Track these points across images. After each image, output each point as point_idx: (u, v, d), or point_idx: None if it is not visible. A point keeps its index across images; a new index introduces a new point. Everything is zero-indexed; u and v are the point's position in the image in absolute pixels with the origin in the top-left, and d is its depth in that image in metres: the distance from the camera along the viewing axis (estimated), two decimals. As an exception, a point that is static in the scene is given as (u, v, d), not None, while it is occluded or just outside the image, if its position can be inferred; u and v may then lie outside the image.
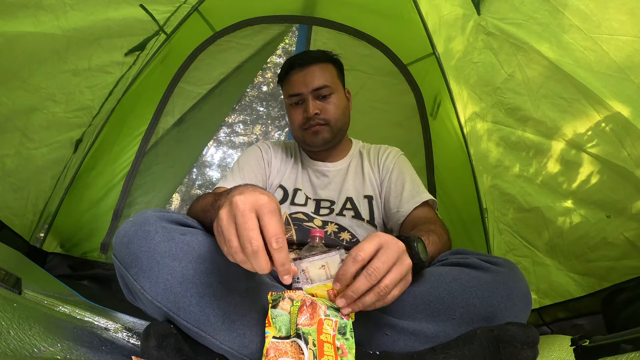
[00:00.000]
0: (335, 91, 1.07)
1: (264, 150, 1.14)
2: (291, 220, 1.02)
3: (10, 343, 0.45)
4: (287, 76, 1.09)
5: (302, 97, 1.05)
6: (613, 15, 0.90)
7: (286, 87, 1.10)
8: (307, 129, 1.05)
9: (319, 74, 1.06)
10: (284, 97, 1.12)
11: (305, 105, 1.04)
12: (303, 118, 1.05)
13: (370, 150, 1.16)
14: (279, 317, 0.54)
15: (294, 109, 1.07)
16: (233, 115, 5.93)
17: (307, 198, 1.08)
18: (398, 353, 0.60)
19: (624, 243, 1.07)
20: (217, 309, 0.59)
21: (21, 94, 1.17)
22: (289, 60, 1.10)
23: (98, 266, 1.62)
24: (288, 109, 1.10)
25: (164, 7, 1.53)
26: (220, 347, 0.58)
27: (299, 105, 1.07)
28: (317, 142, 1.06)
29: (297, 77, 1.06)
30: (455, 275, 0.66)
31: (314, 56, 1.09)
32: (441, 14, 1.54)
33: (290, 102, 1.08)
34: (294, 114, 1.07)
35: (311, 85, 1.04)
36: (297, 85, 1.06)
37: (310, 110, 1.03)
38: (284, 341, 0.52)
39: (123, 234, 0.65)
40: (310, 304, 0.55)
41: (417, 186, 1.04)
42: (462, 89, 1.59)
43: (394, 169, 1.09)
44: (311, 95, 1.04)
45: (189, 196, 6.34)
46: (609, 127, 1.02)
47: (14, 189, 1.30)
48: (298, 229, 0.99)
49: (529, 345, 0.54)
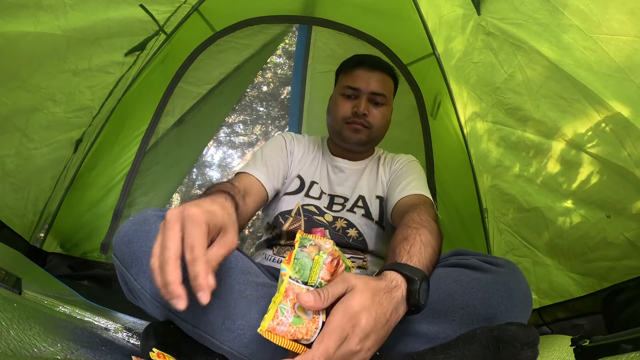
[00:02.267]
0: (387, 104, 1.11)
1: (287, 140, 1.15)
2: (303, 211, 1.04)
3: (10, 343, 0.45)
4: (350, 69, 1.12)
5: (358, 93, 1.08)
6: (613, 15, 0.90)
7: (345, 78, 1.12)
8: (350, 123, 1.08)
9: (381, 81, 1.09)
10: (337, 87, 1.15)
11: (358, 101, 1.07)
12: (351, 112, 1.07)
13: (387, 157, 1.20)
14: (301, 260, 0.53)
15: (344, 100, 1.09)
16: (233, 115, 5.93)
17: (322, 192, 1.10)
18: (398, 353, 0.59)
19: (624, 243, 1.07)
20: (217, 309, 0.59)
21: (21, 94, 1.17)
22: (359, 56, 1.14)
23: (98, 266, 1.62)
24: (337, 98, 1.12)
25: (164, 7, 1.53)
26: (220, 347, 0.58)
27: (350, 99, 1.09)
28: (353, 139, 1.08)
29: (361, 74, 1.09)
30: (455, 277, 0.66)
31: (383, 64, 1.13)
32: (441, 14, 1.54)
33: (343, 93, 1.10)
34: (342, 104, 1.09)
35: (372, 87, 1.08)
36: (359, 81, 1.08)
37: (361, 107, 1.06)
38: (300, 285, 0.51)
39: (123, 234, 0.65)
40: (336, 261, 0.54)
41: (417, 183, 1.04)
42: (462, 89, 1.59)
43: (402, 168, 1.12)
44: (367, 96, 1.08)
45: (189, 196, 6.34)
46: (609, 127, 1.02)
47: (14, 189, 1.30)
48: (307, 220, 1.01)
49: (529, 345, 0.54)
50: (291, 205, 1.05)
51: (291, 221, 1.02)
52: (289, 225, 1.01)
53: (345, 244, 1.01)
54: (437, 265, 0.73)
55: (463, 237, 1.69)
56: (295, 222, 1.02)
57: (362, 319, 0.48)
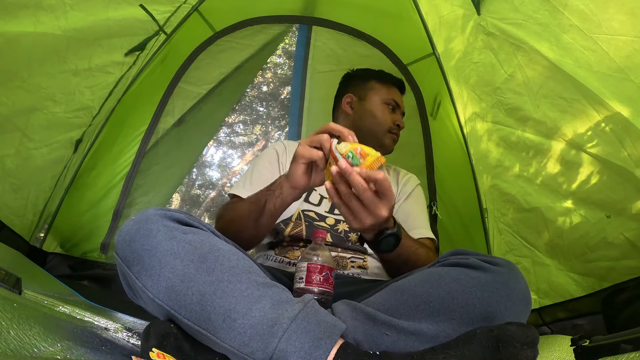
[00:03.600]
0: None
1: (279, 152, 1.17)
2: (303, 216, 1.04)
3: (10, 343, 0.45)
4: (390, 85, 1.27)
5: (397, 110, 1.25)
6: (613, 15, 0.90)
7: (386, 90, 1.26)
8: (393, 133, 1.22)
9: None
10: (375, 93, 1.25)
11: (399, 117, 1.24)
12: (393, 123, 1.21)
13: (390, 170, 1.28)
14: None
15: (389, 111, 1.23)
16: (233, 115, 5.94)
17: (323, 197, 1.10)
18: (398, 353, 0.59)
19: (624, 243, 1.07)
20: (218, 308, 0.59)
21: (21, 94, 1.17)
22: (398, 79, 1.31)
23: (98, 266, 1.62)
24: (381, 106, 1.23)
25: (164, 7, 1.53)
26: (221, 346, 0.58)
27: (392, 111, 1.23)
28: (391, 147, 1.22)
29: (399, 94, 1.28)
30: (455, 276, 0.66)
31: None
32: (441, 14, 1.54)
33: (388, 103, 1.23)
34: (387, 113, 1.22)
35: (404, 109, 1.28)
36: (399, 99, 1.27)
37: (402, 123, 1.24)
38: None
39: (125, 232, 0.65)
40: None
41: (424, 221, 1.13)
42: (462, 89, 1.59)
43: (411, 196, 1.19)
44: (402, 114, 1.26)
45: (189, 196, 6.34)
46: (609, 127, 1.02)
47: (14, 189, 1.30)
48: (308, 226, 1.01)
49: (529, 345, 0.54)
50: (290, 212, 1.05)
51: (292, 226, 1.02)
52: (291, 230, 1.02)
53: (346, 247, 1.01)
54: (437, 265, 0.73)
55: (463, 237, 1.69)
56: (297, 227, 1.02)
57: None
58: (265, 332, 0.56)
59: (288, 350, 0.54)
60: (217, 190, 6.50)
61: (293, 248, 1.01)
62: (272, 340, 0.55)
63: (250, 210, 0.86)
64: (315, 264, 0.77)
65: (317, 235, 0.84)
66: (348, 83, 1.32)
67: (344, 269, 0.98)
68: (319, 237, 0.83)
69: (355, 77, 1.32)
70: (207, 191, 6.67)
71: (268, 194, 0.84)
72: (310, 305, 0.60)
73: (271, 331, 0.56)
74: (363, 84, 1.28)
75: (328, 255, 0.80)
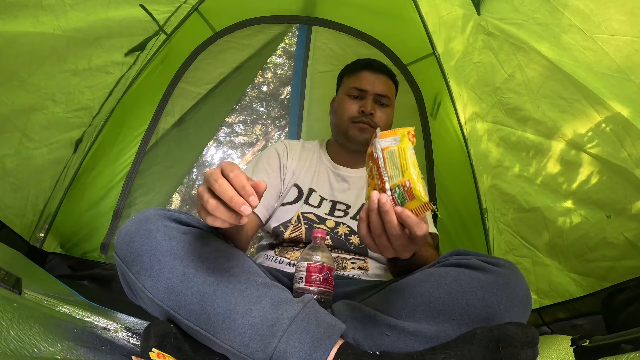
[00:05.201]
0: (391, 106, 1.16)
1: (280, 153, 1.15)
2: (303, 219, 1.03)
3: (10, 343, 0.45)
4: (356, 71, 1.16)
5: (364, 94, 1.12)
6: (613, 15, 0.90)
7: (350, 80, 1.15)
8: (357, 122, 1.10)
9: (386, 84, 1.14)
10: (342, 88, 1.18)
11: (365, 102, 1.11)
12: (357, 112, 1.10)
13: None
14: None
15: (350, 101, 1.12)
16: (233, 115, 5.93)
17: (323, 199, 1.09)
18: (398, 353, 0.60)
19: (624, 243, 1.07)
20: (217, 308, 0.59)
21: (21, 94, 1.17)
22: (364, 60, 1.18)
23: (98, 266, 1.62)
24: (343, 99, 1.14)
25: (164, 7, 1.53)
26: (221, 346, 0.58)
27: (356, 99, 1.12)
28: (360, 138, 1.10)
29: (367, 76, 1.14)
30: (455, 276, 0.66)
31: (387, 69, 1.18)
32: (441, 14, 1.54)
33: (349, 94, 1.13)
34: (348, 104, 1.12)
35: (378, 89, 1.12)
36: (365, 83, 1.12)
37: (368, 107, 1.09)
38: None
39: (125, 232, 0.65)
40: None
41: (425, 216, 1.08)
42: (462, 89, 1.59)
43: None
44: (373, 97, 1.11)
45: (189, 196, 6.34)
46: (609, 127, 1.02)
47: (14, 189, 1.30)
48: (308, 228, 1.01)
49: (529, 345, 0.54)
50: (290, 214, 1.05)
51: (292, 229, 1.02)
52: (290, 233, 1.01)
53: (347, 249, 1.01)
54: (437, 265, 0.73)
55: (463, 237, 1.69)
56: (297, 230, 1.02)
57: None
58: (265, 332, 0.56)
59: (288, 350, 0.54)
60: (217, 190, 6.48)
61: (293, 248, 1.01)
62: (271, 340, 0.55)
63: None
64: (315, 263, 0.77)
65: (317, 235, 0.84)
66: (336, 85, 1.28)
67: (344, 270, 0.98)
68: (319, 236, 0.83)
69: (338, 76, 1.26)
70: (207, 191, 6.65)
71: None
72: (310, 306, 0.60)
73: (271, 331, 0.56)
74: (338, 82, 1.23)
75: (328, 255, 0.80)
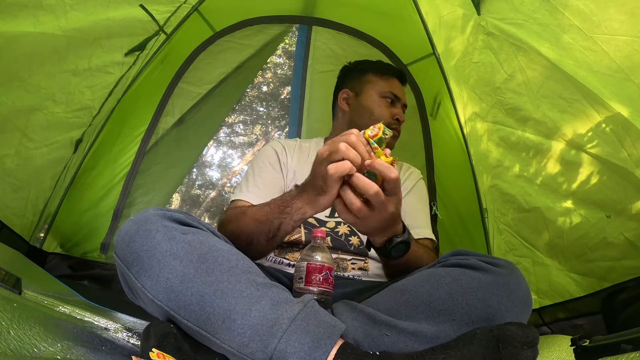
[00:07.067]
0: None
1: (278, 151, 1.14)
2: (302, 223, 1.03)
3: (10, 343, 0.45)
4: (389, 76, 1.19)
5: (397, 102, 1.17)
6: (613, 15, 0.90)
7: (384, 83, 1.18)
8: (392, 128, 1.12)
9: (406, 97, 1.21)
10: (372, 86, 1.18)
11: (398, 110, 1.16)
12: (392, 118, 1.13)
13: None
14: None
15: (386, 105, 1.15)
16: (233, 115, 5.93)
17: None
18: (398, 353, 0.59)
19: (624, 243, 1.07)
20: (218, 308, 0.59)
21: (21, 94, 1.17)
22: (397, 69, 1.23)
23: (98, 266, 1.62)
24: (377, 100, 1.16)
25: (164, 7, 1.53)
26: (221, 347, 0.58)
27: (389, 105, 1.16)
28: (392, 144, 1.15)
29: (399, 85, 1.19)
30: (455, 276, 0.66)
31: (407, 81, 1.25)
32: (441, 14, 1.54)
33: (385, 97, 1.16)
34: (385, 107, 1.15)
35: (405, 100, 1.20)
36: (398, 90, 1.18)
37: (402, 116, 1.16)
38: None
39: (124, 233, 0.65)
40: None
41: (425, 221, 1.10)
42: (462, 89, 1.59)
43: (412, 191, 1.15)
44: (402, 106, 1.18)
45: (189, 196, 6.34)
46: (609, 127, 1.02)
47: (14, 189, 1.30)
48: (307, 232, 1.00)
49: (529, 345, 0.54)
50: None
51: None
52: (290, 236, 1.01)
53: (347, 250, 1.00)
54: (438, 265, 0.73)
55: (463, 237, 1.69)
56: (296, 233, 1.01)
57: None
58: (265, 332, 0.56)
59: (287, 350, 0.54)
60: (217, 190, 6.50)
61: (293, 249, 1.01)
62: (271, 340, 0.55)
63: (260, 231, 0.80)
64: (314, 264, 0.77)
65: (317, 234, 0.84)
66: (344, 78, 1.26)
67: (344, 271, 0.98)
68: (317, 236, 0.83)
69: (352, 70, 1.25)
70: (207, 191, 6.68)
71: (283, 217, 0.77)
72: (309, 306, 0.60)
73: (271, 332, 0.56)
74: (359, 77, 1.21)
75: (328, 255, 0.80)
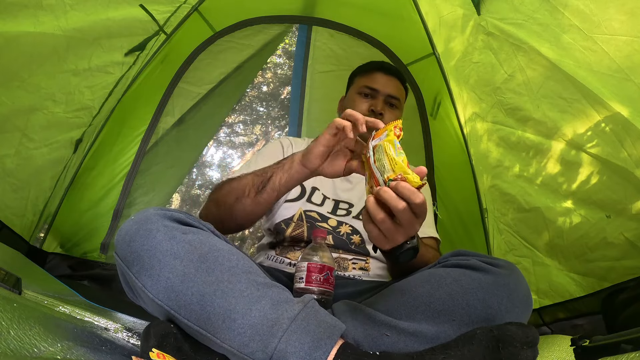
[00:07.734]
0: (400, 109, 1.17)
1: (285, 146, 1.16)
2: (305, 217, 1.03)
3: (10, 343, 0.45)
4: (369, 72, 1.18)
5: (375, 94, 1.13)
6: (613, 15, 0.90)
7: (363, 79, 1.17)
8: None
9: (397, 87, 1.16)
10: (353, 87, 1.19)
11: (376, 101, 1.12)
12: (367, 110, 1.10)
13: None
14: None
15: (361, 99, 1.13)
16: (233, 115, 5.93)
17: (325, 197, 1.09)
18: (398, 353, 0.59)
19: (624, 243, 1.07)
20: (218, 308, 0.59)
21: (21, 94, 1.17)
22: (378, 62, 1.21)
23: (98, 266, 1.62)
24: (354, 97, 1.15)
25: (164, 7, 1.53)
26: (221, 346, 0.58)
27: (367, 98, 1.13)
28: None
29: (380, 77, 1.15)
30: (456, 277, 0.66)
31: (399, 73, 1.20)
32: (441, 14, 1.54)
33: (360, 92, 1.14)
34: (359, 102, 1.13)
35: (389, 90, 1.14)
36: (377, 83, 1.14)
37: (378, 106, 1.10)
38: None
39: (125, 232, 0.65)
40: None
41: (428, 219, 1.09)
42: (462, 89, 1.59)
43: None
44: (384, 97, 1.13)
45: (189, 196, 6.33)
46: (608, 127, 1.02)
47: (14, 189, 1.30)
48: (309, 227, 1.01)
49: (529, 345, 0.54)
50: (292, 211, 1.05)
51: (293, 227, 1.02)
52: (292, 231, 1.01)
53: (348, 249, 1.01)
54: (438, 266, 0.73)
55: (463, 237, 1.69)
56: (298, 228, 1.02)
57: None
58: (265, 332, 0.56)
59: (288, 350, 0.54)
60: (217, 190, 6.48)
61: (294, 248, 1.01)
62: (271, 340, 0.55)
63: (254, 182, 0.82)
64: (315, 263, 0.77)
65: (317, 234, 0.84)
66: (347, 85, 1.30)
67: (345, 271, 0.98)
68: (319, 236, 0.83)
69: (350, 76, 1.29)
70: (207, 191, 6.67)
71: (276, 167, 0.81)
72: (310, 306, 0.60)
73: (271, 331, 0.56)
74: (350, 82, 1.25)
75: (328, 255, 0.80)
